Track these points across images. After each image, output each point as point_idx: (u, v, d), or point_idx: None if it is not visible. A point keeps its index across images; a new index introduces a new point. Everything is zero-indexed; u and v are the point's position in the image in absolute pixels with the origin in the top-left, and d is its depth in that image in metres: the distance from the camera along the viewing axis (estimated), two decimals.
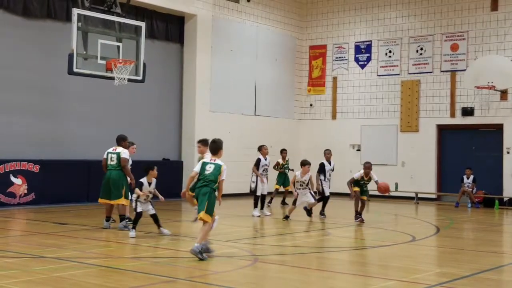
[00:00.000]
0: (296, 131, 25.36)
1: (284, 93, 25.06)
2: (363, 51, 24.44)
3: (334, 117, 24.99)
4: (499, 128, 21.46)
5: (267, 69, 24.25)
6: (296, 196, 14.78)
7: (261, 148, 16.47)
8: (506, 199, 20.57)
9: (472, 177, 20.60)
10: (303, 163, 14.89)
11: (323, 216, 15.63)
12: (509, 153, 21.19)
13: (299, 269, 9.13)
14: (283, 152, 18.68)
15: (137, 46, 15.53)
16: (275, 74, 24.63)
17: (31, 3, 17.70)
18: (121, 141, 13.01)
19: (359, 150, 24.23)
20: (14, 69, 17.50)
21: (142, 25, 15.78)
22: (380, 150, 23.30)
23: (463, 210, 19.55)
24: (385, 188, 14.44)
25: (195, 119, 21.67)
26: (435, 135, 22.80)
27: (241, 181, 20.01)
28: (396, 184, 22.33)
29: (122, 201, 12.70)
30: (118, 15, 15.43)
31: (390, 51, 23.79)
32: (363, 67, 24.42)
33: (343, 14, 24.89)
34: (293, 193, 14.96)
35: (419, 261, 10.21)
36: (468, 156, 22.09)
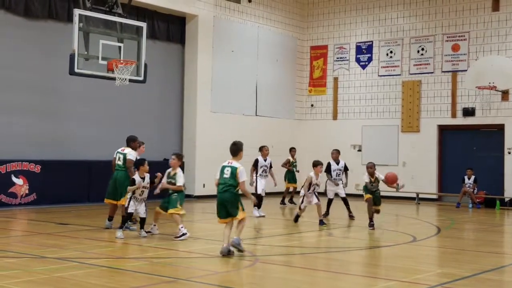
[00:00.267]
0: (297, 131, 25.35)
1: (285, 93, 25.06)
2: (364, 52, 24.44)
3: (335, 117, 24.99)
4: (500, 128, 21.45)
5: (268, 69, 24.25)
6: (301, 199, 14.01)
7: (261, 148, 16.43)
8: (507, 199, 20.55)
9: (473, 177, 20.59)
10: (315, 164, 14.10)
11: (352, 217, 15.48)
12: (510, 153, 21.17)
13: (299, 270, 9.14)
14: (292, 150, 18.94)
15: (138, 46, 15.53)
16: (276, 74, 24.63)
17: (33, 3, 17.71)
18: (130, 141, 13.00)
19: (360, 150, 24.22)
20: (15, 70, 17.51)
21: (143, 25, 15.78)
22: (381, 150, 23.29)
23: (464, 210, 19.54)
24: (392, 178, 13.59)
25: (196, 120, 21.67)
26: (436, 135, 22.79)
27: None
28: (397, 184, 22.25)
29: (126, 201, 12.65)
30: (119, 15, 15.44)
31: (391, 52, 23.79)
32: (364, 67, 24.42)
33: (344, 14, 24.89)
34: (301, 197, 14.07)
35: (420, 261, 10.21)
36: (469, 156, 22.07)
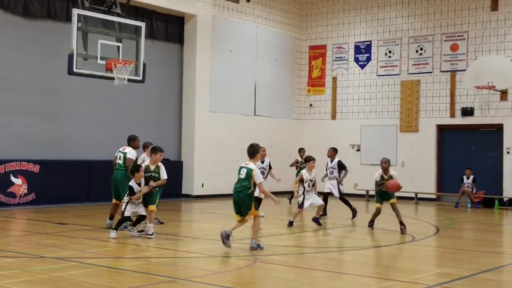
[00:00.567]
0: (296, 131, 25.35)
1: (283, 93, 25.06)
2: (363, 51, 24.44)
3: (333, 117, 25.00)
4: (499, 128, 21.46)
5: (267, 69, 24.25)
6: (300, 198, 13.91)
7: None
8: (506, 199, 20.57)
9: (472, 177, 20.60)
10: (307, 159, 14.10)
11: (355, 213, 15.55)
12: (509, 153, 21.19)
13: (299, 269, 9.15)
14: (301, 151, 18.91)
15: (137, 46, 15.51)
16: (274, 74, 24.63)
17: (31, 3, 17.70)
18: (131, 141, 13.00)
19: (358, 150, 24.23)
20: (14, 70, 17.50)
21: (142, 25, 15.76)
22: (379, 150, 23.22)
23: (463, 210, 19.54)
24: (394, 186, 13.40)
25: (195, 119, 21.67)
26: (435, 135, 22.80)
27: None
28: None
29: None
30: (118, 15, 15.42)
31: (390, 51, 23.79)
32: (362, 67, 24.42)
33: (343, 14, 24.90)
34: (295, 193, 14.55)
35: (419, 261, 10.22)
36: (468, 156, 22.08)
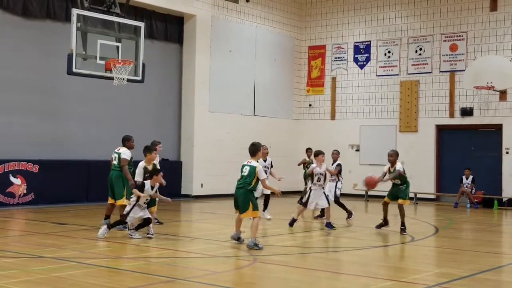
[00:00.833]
0: (295, 131, 25.35)
1: (283, 93, 25.06)
2: (362, 52, 24.45)
3: (333, 117, 25.00)
4: (498, 128, 21.46)
5: (266, 69, 24.25)
6: (307, 195, 13.66)
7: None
8: (505, 199, 20.57)
9: (471, 177, 20.61)
10: (316, 154, 13.80)
11: (351, 218, 15.39)
12: (508, 153, 21.20)
13: (298, 270, 9.14)
14: (308, 150, 18.82)
15: (136, 46, 15.51)
16: (274, 74, 24.63)
17: (31, 3, 17.70)
18: (125, 141, 12.98)
19: (358, 150, 24.23)
20: (13, 70, 17.49)
21: (141, 25, 15.76)
22: (379, 150, 23.18)
23: (462, 210, 19.55)
24: (368, 183, 12.82)
25: (194, 119, 21.66)
26: (434, 135, 22.81)
27: None
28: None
29: (124, 201, 12.60)
30: (117, 15, 15.43)
31: (389, 52, 23.80)
32: (362, 67, 24.43)
33: (342, 14, 24.90)
34: (307, 193, 13.80)
35: (418, 261, 10.22)
36: (467, 156, 22.09)
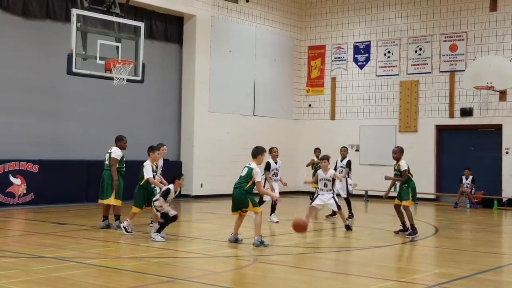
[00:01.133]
0: (295, 131, 25.36)
1: (283, 93, 25.06)
2: (362, 52, 24.45)
3: (333, 117, 25.00)
4: (498, 128, 21.46)
5: (266, 69, 24.25)
6: (314, 197, 13.51)
7: (270, 150, 14.76)
8: (505, 199, 20.57)
9: (471, 177, 20.61)
10: (321, 158, 13.63)
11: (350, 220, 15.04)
12: (508, 153, 21.19)
13: (298, 270, 9.15)
14: (317, 150, 18.80)
15: (136, 46, 15.50)
16: (274, 74, 24.63)
17: (31, 3, 17.70)
18: (117, 141, 13.01)
19: (357, 150, 24.23)
20: (13, 70, 17.49)
21: (141, 25, 15.75)
22: (378, 150, 23.27)
23: (462, 210, 19.55)
24: (294, 226, 11.25)
25: (194, 120, 21.66)
26: (434, 135, 22.81)
27: None
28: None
29: (111, 201, 12.55)
30: (117, 15, 15.42)
31: (389, 52, 23.80)
32: (362, 67, 24.43)
33: (342, 14, 24.90)
34: (315, 195, 13.44)
35: (418, 261, 10.23)
36: (467, 156, 22.09)
